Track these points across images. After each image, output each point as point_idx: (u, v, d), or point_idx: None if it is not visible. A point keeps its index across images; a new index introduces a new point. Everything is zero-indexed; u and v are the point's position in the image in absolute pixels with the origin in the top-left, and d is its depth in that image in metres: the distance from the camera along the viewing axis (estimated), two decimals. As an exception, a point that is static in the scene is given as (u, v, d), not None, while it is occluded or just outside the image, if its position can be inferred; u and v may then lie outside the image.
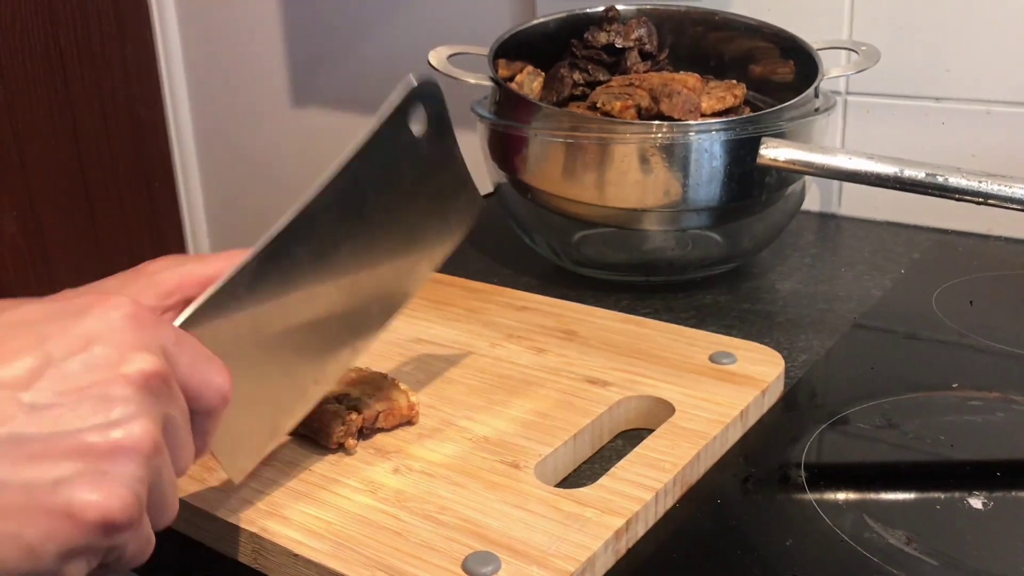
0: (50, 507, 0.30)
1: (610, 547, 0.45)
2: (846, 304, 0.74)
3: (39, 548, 0.30)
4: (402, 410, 0.54)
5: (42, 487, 0.30)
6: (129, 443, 0.32)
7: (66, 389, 0.32)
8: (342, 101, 1.37)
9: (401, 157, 0.50)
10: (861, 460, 0.54)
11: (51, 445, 0.31)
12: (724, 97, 0.80)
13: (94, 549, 0.32)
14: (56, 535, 0.30)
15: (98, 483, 0.31)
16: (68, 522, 0.30)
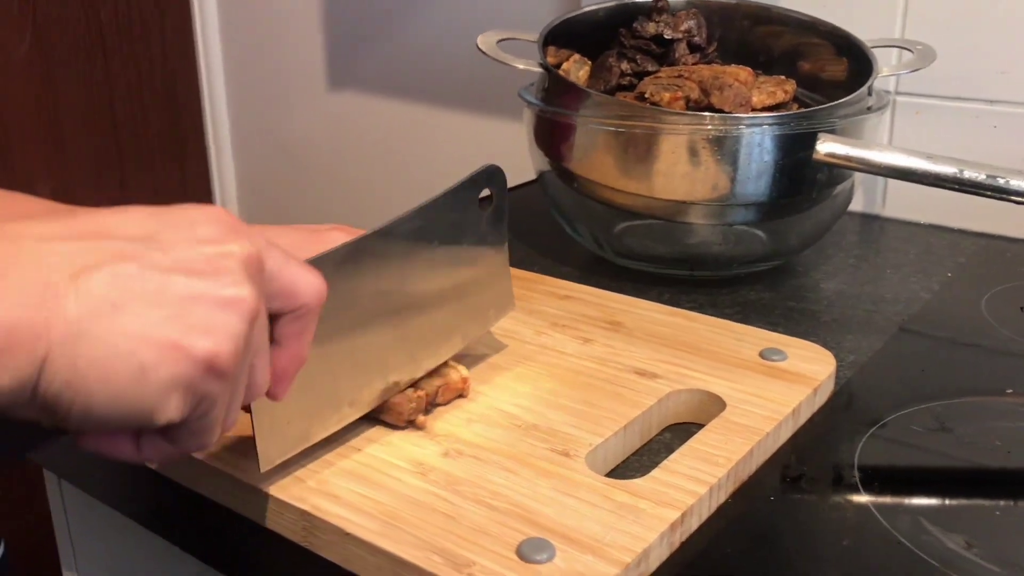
0: (165, 337, 0.32)
1: (665, 539, 0.44)
2: (892, 306, 0.73)
3: (150, 371, 0.31)
4: (456, 384, 0.55)
5: (159, 319, 0.32)
6: (237, 301, 0.34)
7: (177, 255, 0.33)
8: (378, 86, 1.36)
9: (465, 223, 0.56)
10: (915, 463, 0.53)
11: (168, 288, 0.32)
12: (774, 92, 0.79)
13: (193, 389, 0.33)
14: (166, 362, 0.32)
15: (210, 328, 0.33)
16: (179, 353, 0.32)
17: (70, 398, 0.30)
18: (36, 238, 0.31)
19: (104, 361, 0.31)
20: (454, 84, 1.28)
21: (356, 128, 1.41)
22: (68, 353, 0.30)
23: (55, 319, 0.30)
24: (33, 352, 0.29)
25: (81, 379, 0.30)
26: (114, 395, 0.31)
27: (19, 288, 0.30)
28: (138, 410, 0.32)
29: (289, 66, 1.47)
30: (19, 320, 0.29)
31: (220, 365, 0.33)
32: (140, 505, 0.59)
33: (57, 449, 0.61)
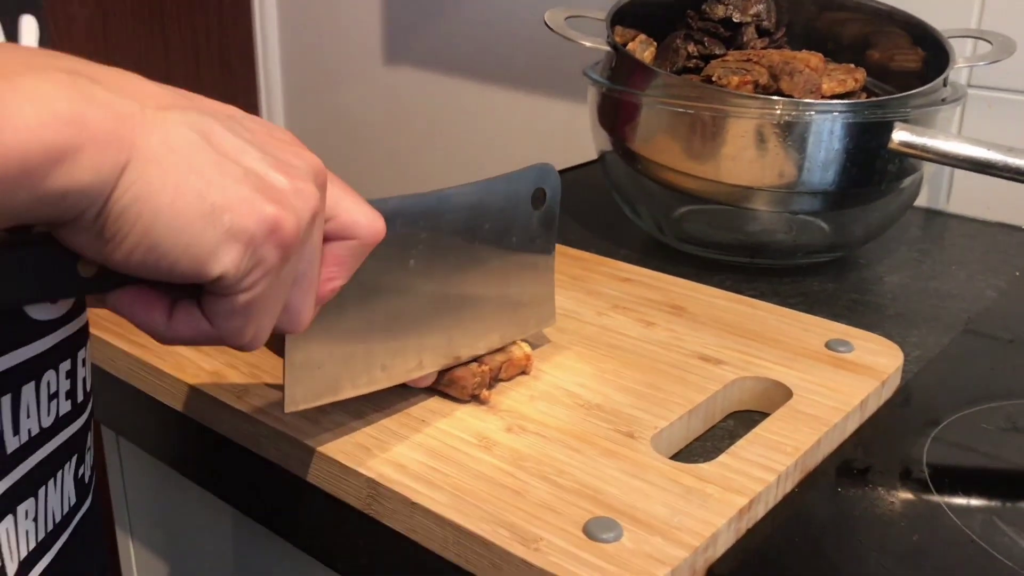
0: (238, 189, 0.31)
1: (732, 525, 0.44)
2: (959, 303, 0.72)
3: (218, 213, 0.31)
4: (520, 360, 0.54)
5: (234, 174, 0.32)
6: (305, 192, 0.34)
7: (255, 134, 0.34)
8: (436, 61, 1.36)
9: (516, 217, 0.54)
10: (987, 462, 0.52)
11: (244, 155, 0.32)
12: (845, 80, 0.77)
13: (252, 248, 0.32)
14: (235, 210, 0.31)
15: (279, 199, 0.33)
16: (249, 207, 0.32)
17: (135, 215, 0.30)
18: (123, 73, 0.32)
19: (177, 189, 0.30)
20: (512, 61, 1.27)
21: (411, 103, 1.41)
22: (146, 171, 0.30)
23: (140, 136, 0.30)
24: (116, 157, 0.29)
25: (151, 199, 0.30)
26: (178, 226, 0.30)
27: (108, 97, 0.29)
28: (196, 251, 0.31)
29: (345, 38, 1.47)
30: (108, 124, 0.29)
31: (284, 233, 0.33)
32: (200, 466, 0.59)
33: (117, 406, 0.62)
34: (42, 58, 0.29)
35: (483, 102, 1.32)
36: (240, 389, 0.53)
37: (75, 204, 0.29)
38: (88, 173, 0.28)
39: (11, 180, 0.27)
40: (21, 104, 0.27)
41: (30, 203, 0.28)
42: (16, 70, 0.28)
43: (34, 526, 0.41)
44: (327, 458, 0.47)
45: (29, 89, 0.27)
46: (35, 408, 0.40)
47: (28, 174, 0.27)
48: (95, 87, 0.29)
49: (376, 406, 0.51)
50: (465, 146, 1.36)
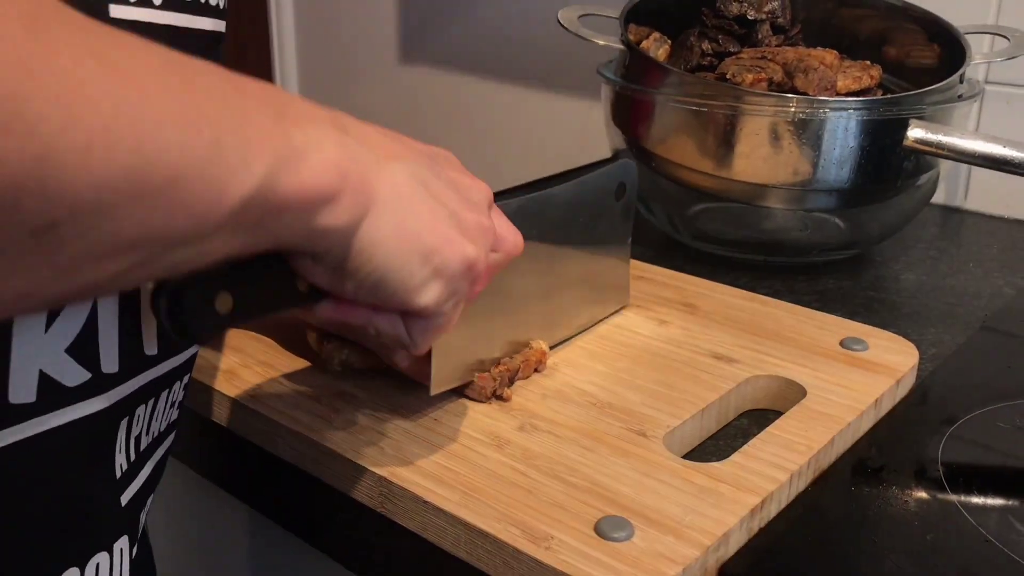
0: (447, 231, 0.37)
1: (744, 524, 0.43)
2: (976, 301, 0.71)
3: (431, 255, 0.37)
4: (536, 356, 0.55)
5: (443, 216, 0.37)
6: (488, 227, 0.40)
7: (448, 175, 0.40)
8: (449, 61, 1.36)
9: (602, 208, 0.60)
10: (1003, 460, 0.52)
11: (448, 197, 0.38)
12: (860, 77, 0.77)
13: (452, 284, 0.38)
14: (444, 251, 0.37)
15: (475, 238, 0.39)
16: (455, 248, 0.37)
17: (371, 254, 0.35)
18: (352, 120, 0.36)
19: (403, 233, 0.36)
20: (527, 60, 1.27)
21: (426, 103, 1.41)
22: (381, 217, 0.35)
23: (379, 186, 0.35)
24: (365, 204, 0.34)
25: (384, 242, 0.35)
26: (401, 264, 0.36)
27: (360, 151, 0.34)
28: (409, 284, 0.37)
29: (361, 38, 1.48)
30: (361, 174, 0.34)
31: (477, 270, 0.39)
32: (214, 465, 0.59)
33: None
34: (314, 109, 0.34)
35: (498, 101, 1.32)
36: (254, 388, 0.53)
37: (332, 240, 0.34)
38: (346, 215, 0.33)
39: (298, 214, 0.32)
40: (311, 151, 0.31)
41: (302, 234, 0.33)
42: (304, 119, 0.32)
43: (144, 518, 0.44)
44: (340, 457, 0.47)
45: (316, 138, 0.32)
46: (162, 412, 0.44)
47: (309, 210, 0.32)
48: (351, 140, 0.34)
49: (389, 405, 0.51)
50: (480, 144, 1.37)
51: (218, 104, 0.29)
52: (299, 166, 0.31)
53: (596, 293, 0.61)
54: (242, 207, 0.29)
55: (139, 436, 0.41)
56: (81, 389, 0.37)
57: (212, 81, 0.30)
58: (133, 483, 0.41)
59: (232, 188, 0.29)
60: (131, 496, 0.41)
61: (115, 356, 0.38)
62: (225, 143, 0.28)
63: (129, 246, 0.27)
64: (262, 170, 0.29)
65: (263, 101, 0.31)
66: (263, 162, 0.29)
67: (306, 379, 0.54)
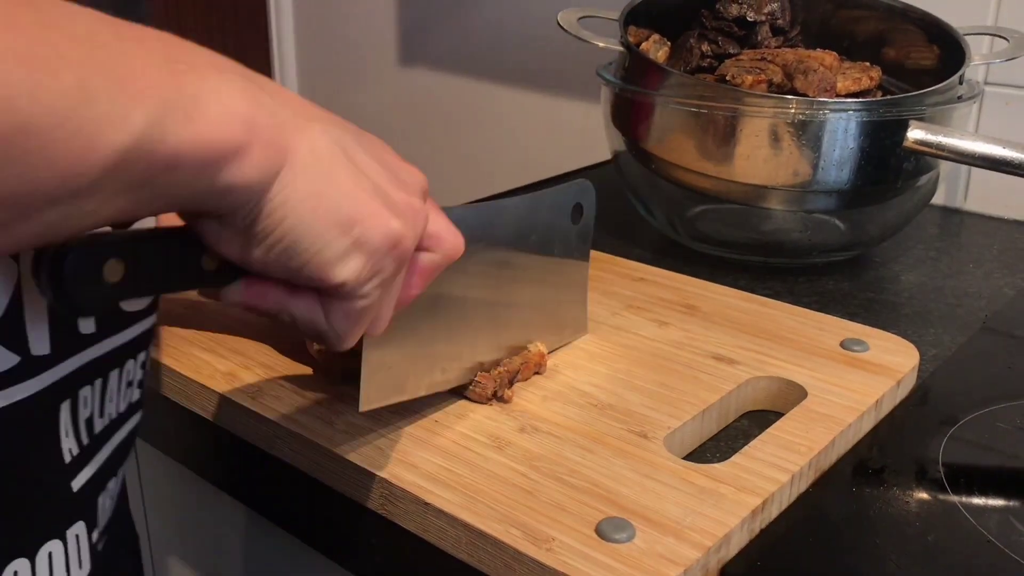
0: (371, 202, 0.34)
1: (746, 525, 0.43)
2: (976, 301, 0.71)
3: (350, 225, 0.34)
4: (536, 359, 0.55)
5: (368, 187, 0.35)
6: (420, 209, 0.37)
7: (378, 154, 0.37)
8: (449, 63, 1.36)
9: (555, 229, 0.57)
10: (1003, 461, 0.52)
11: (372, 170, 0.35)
12: (860, 79, 0.77)
13: (374, 260, 0.35)
14: (367, 222, 0.34)
15: (403, 214, 0.36)
16: (379, 220, 0.34)
17: (280, 217, 0.32)
18: (271, 82, 0.34)
19: (318, 198, 0.33)
20: (526, 62, 1.27)
21: (426, 104, 1.41)
22: (295, 178, 0.32)
23: (294, 142, 0.32)
24: (277, 160, 0.32)
25: (298, 204, 0.32)
26: (315, 232, 0.33)
27: (273, 106, 0.32)
28: (325, 255, 0.34)
29: (360, 40, 1.48)
30: (272, 131, 0.31)
31: (403, 247, 0.36)
32: (215, 467, 0.59)
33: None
34: (219, 59, 0.32)
35: (497, 102, 1.32)
36: (254, 390, 0.53)
37: (237, 199, 0.31)
38: (254, 171, 0.31)
39: (194, 169, 0.29)
40: (209, 101, 0.29)
41: (202, 193, 0.30)
42: (202, 67, 0.30)
43: (111, 503, 0.43)
44: (341, 459, 0.47)
45: (215, 87, 0.29)
46: (116, 393, 0.42)
47: (208, 165, 0.29)
48: (262, 93, 0.32)
49: (389, 406, 0.51)
50: (479, 146, 1.37)
51: (86, 46, 0.26)
52: (193, 115, 0.28)
53: (550, 319, 0.58)
54: (121, 160, 0.27)
55: (90, 419, 0.40)
56: (10, 374, 0.35)
57: (84, 22, 0.27)
58: (87, 467, 0.39)
59: (104, 139, 0.26)
60: (85, 481, 0.39)
61: (45, 337, 0.36)
62: (92, 88, 0.26)
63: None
64: (142, 119, 0.27)
65: (150, 47, 0.29)
66: (144, 110, 0.27)
67: (307, 381, 0.54)
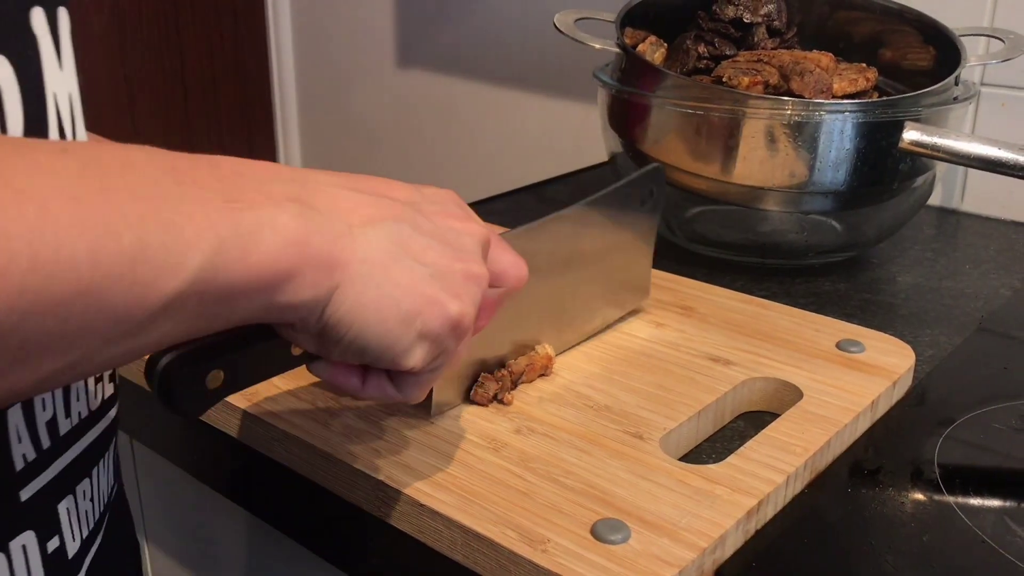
0: (427, 292, 0.37)
1: (741, 526, 0.44)
2: (972, 302, 0.72)
3: (412, 319, 0.36)
4: (542, 361, 0.55)
5: (423, 276, 0.37)
6: (478, 276, 0.39)
7: (435, 224, 0.38)
8: (448, 64, 1.36)
9: (625, 216, 0.61)
10: (998, 461, 0.52)
11: (430, 252, 0.37)
12: (856, 80, 0.77)
13: (439, 343, 0.38)
14: (426, 314, 0.37)
15: (460, 293, 0.38)
16: (437, 309, 0.37)
17: (347, 325, 0.35)
18: (328, 184, 0.36)
19: (380, 301, 0.35)
20: (523, 64, 1.27)
21: (423, 106, 1.41)
22: (355, 288, 0.35)
23: (349, 256, 0.34)
24: (331, 278, 0.34)
25: (360, 312, 0.35)
26: (382, 333, 0.36)
27: (324, 223, 0.34)
28: (395, 350, 0.37)
29: (358, 41, 1.48)
30: (325, 248, 0.34)
31: (463, 326, 0.38)
32: (212, 469, 0.59)
33: (131, 409, 0.62)
34: (274, 184, 0.34)
35: (494, 104, 1.32)
36: (250, 392, 0.53)
37: (297, 314, 0.34)
38: (309, 291, 0.33)
39: (251, 293, 0.32)
40: (265, 232, 0.31)
41: (263, 311, 0.33)
42: (259, 200, 0.32)
43: (91, 506, 0.43)
44: (337, 460, 0.47)
45: (270, 219, 0.32)
46: (83, 391, 0.42)
47: (264, 290, 0.32)
48: (315, 213, 0.34)
49: (386, 409, 0.51)
50: (477, 148, 1.37)
51: (145, 202, 0.29)
52: (248, 250, 0.31)
53: (613, 294, 0.61)
54: (176, 300, 0.29)
55: (52, 421, 0.39)
56: None
57: (144, 176, 0.29)
58: (43, 474, 0.39)
59: (159, 286, 0.28)
60: (39, 488, 0.39)
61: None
62: (150, 242, 0.28)
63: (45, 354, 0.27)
64: (197, 262, 0.29)
65: (208, 186, 0.31)
66: (199, 253, 0.29)
67: (303, 383, 0.54)
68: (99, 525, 0.44)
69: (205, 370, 0.35)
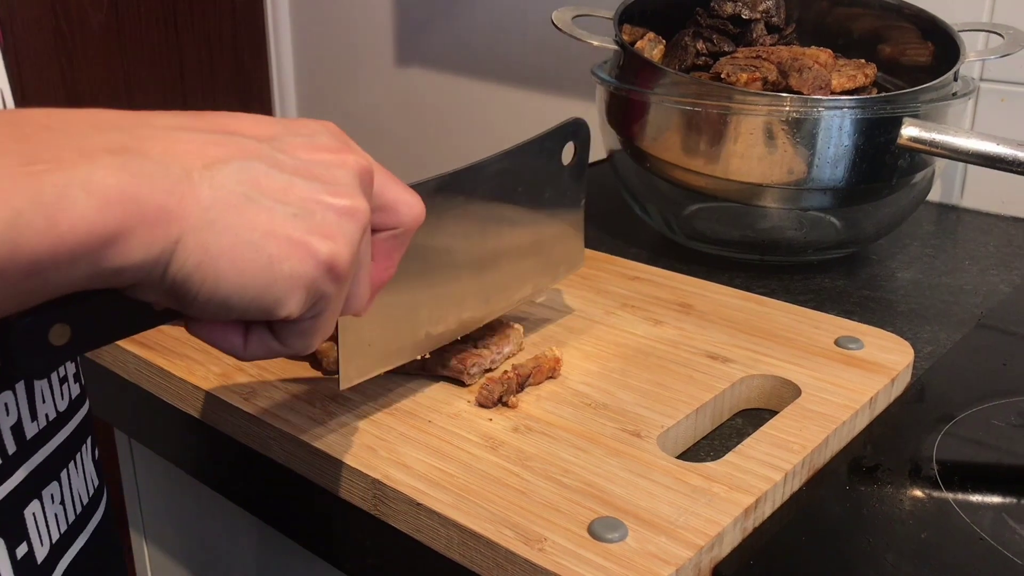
0: (292, 235, 0.33)
1: (738, 524, 0.43)
2: (972, 298, 0.71)
3: (277, 265, 0.33)
4: (550, 363, 0.54)
5: (285, 216, 0.33)
6: (354, 210, 0.35)
7: (299, 159, 0.35)
8: (445, 62, 1.36)
9: (546, 173, 0.57)
10: (997, 458, 0.52)
11: (292, 189, 0.33)
12: (855, 76, 0.77)
13: (313, 289, 0.34)
14: (293, 259, 0.33)
15: (331, 232, 0.34)
16: (305, 252, 0.33)
17: (200, 280, 0.31)
18: (166, 127, 0.32)
19: (235, 249, 0.32)
20: (522, 60, 1.27)
21: (422, 103, 1.41)
22: (201, 238, 0.31)
23: (190, 205, 0.31)
24: (167, 232, 0.30)
25: (212, 264, 0.31)
26: (242, 284, 0.32)
27: (155, 171, 0.30)
28: (262, 301, 0.33)
29: (357, 40, 1.48)
30: (157, 200, 0.30)
31: (339, 268, 0.34)
32: (209, 468, 0.59)
33: (128, 408, 0.62)
34: (92, 136, 0.30)
35: (493, 101, 1.32)
36: (247, 391, 0.53)
37: (132, 277, 0.31)
38: (139, 251, 0.30)
39: (67, 262, 0.29)
40: (76, 195, 0.28)
41: (89, 277, 0.30)
42: (68, 157, 0.29)
43: (62, 509, 0.42)
44: (333, 459, 0.47)
45: (82, 178, 0.28)
46: (49, 393, 0.41)
47: (83, 257, 0.29)
48: (144, 162, 0.30)
49: (382, 406, 0.51)
50: (475, 145, 1.37)
51: None
52: (53, 218, 0.28)
53: (542, 261, 0.58)
54: None
55: (17, 425, 0.38)
56: None
57: None
58: (9, 480, 0.38)
59: None
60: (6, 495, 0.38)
61: None
62: None
63: None
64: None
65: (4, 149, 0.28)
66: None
67: (299, 381, 0.54)
68: (76, 529, 0.43)
69: (46, 324, 0.31)
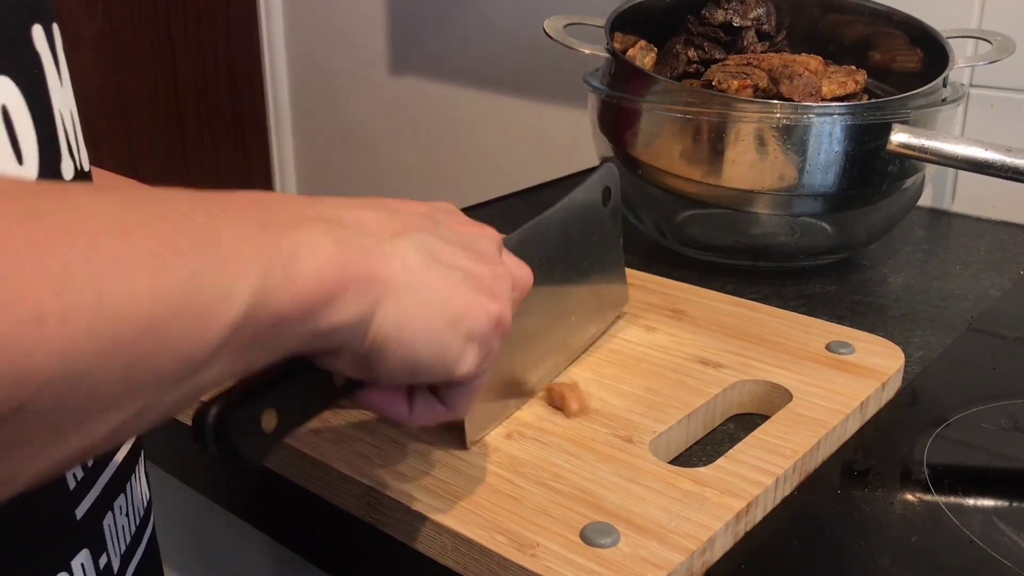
0: (467, 294, 0.36)
1: (730, 529, 0.44)
2: (962, 302, 0.72)
3: (459, 323, 0.36)
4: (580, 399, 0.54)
5: (458, 279, 0.37)
6: (504, 275, 0.39)
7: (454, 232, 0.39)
8: (440, 70, 1.37)
9: (591, 220, 0.60)
10: (987, 461, 0.52)
11: (457, 257, 0.37)
12: (845, 83, 0.77)
13: (486, 343, 0.37)
14: (470, 315, 0.36)
15: (494, 292, 0.38)
16: (479, 309, 0.37)
17: (396, 340, 0.34)
18: (342, 205, 0.35)
19: (427, 310, 0.35)
20: (515, 70, 1.27)
21: (416, 112, 1.41)
22: (399, 300, 0.34)
23: (386, 269, 0.34)
24: (372, 293, 0.33)
25: (408, 323, 0.34)
26: (432, 340, 0.35)
27: (355, 238, 0.33)
28: (447, 358, 0.36)
29: (351, 50, 1.48)
30: (363, 263, 0.33)
31: (505, 323, 0.38)
32: (204, 478, 0.60)
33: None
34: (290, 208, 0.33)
35: (486, 110, 1.32)
36: (242, 399, 0.53)
37: (343, 337, 0.33)
38: (352, 309, 0.32)
39: (296, 320, 0.30)
40: (304, 256, 0.31)
41: (308, 338, 0.32)
42: (290, 222, 0.31)
43: (127, 520, 0.43)
44: (327, 467, 0.47)
45: (308, 240, 0.31)
46: None
47: (308, 315, 0.31)
48: (344, 230, 0.33)
49: (377, 415, 0.51)
50: (469, 153, 1.37)
51: (188, 232, 0.28)
52: (292, 274, 0.30)
53: (599, 300, 0.61)
54: (235, 331, 0.28)
55: None
56: None
57: (179, 207, 0.28)
58: (90, 493, 0.39)
59: (217, 318, 0.27)
60: (89, 507, 0.39)
61: None
62: (201, 272, 0.27)
63: (114, 403, 0.25)
64: (248, 290, 0.28)
65: (240, 214, 0.30)
66: (249, 281, 0.28)
67: (294, 390, 0.54)
68: (136, 539, 0.44)
69: (258, 410, 0.33)
